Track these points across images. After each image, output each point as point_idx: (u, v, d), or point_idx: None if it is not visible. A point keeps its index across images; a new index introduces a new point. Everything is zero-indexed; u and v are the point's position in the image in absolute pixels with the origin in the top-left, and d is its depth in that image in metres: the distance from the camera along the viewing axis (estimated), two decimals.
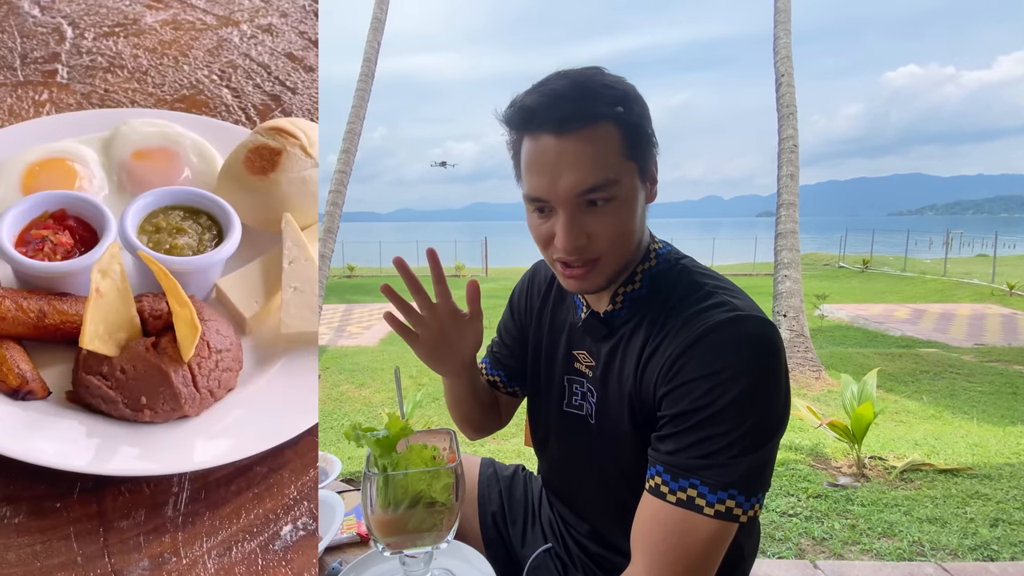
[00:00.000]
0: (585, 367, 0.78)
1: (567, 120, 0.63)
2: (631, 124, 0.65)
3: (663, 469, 0.63)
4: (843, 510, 2.46)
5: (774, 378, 0.62)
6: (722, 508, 0.60)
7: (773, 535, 2.25)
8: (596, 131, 0.63)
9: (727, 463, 0.60)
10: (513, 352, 0.94)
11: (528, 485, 1.02)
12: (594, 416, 0.76)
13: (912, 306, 10.81)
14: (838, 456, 3.19)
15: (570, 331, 0.81)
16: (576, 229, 0.65)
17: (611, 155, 0.64)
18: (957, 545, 2.12)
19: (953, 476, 2.83)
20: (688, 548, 0.60)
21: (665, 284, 0.72)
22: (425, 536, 0.58)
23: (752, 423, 0.60)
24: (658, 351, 0.67)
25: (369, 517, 0.58)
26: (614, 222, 0.66)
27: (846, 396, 3.25)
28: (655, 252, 0.74)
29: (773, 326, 0.64)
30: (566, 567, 0.87)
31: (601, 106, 0.63)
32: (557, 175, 0.64)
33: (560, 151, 0.63)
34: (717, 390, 0.60)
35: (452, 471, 0.58)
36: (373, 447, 0.58)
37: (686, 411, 0.62)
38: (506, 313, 0.96)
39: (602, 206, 0.65)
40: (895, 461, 3.06)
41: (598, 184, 0.63)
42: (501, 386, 0.97)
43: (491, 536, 0.96)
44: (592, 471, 0.79)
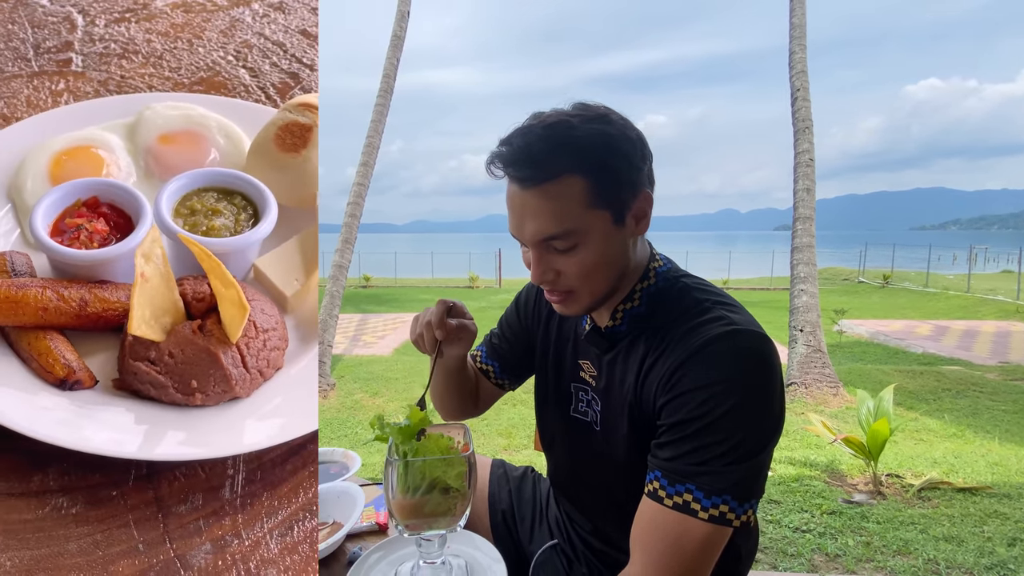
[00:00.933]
0: (589, 377, 0.82)
1: (527, 178, 0.67)
2: (600, 174, 0.66)
3: (661, 474, 0.66)
4: (858, 527, 2.44)
5: (768, 390, 0.66)
6: (716, 513, 0.63)
7: (785, 550, 2.24)
8: (557, 186, 0.66)
9: (721, 470, 0.63)
10: (513, 348, 0.98)
11: (537, 485, 1.06)
12: (599, 423, 0.80)
13: (934, 322, 10.58)
14: (854, 473, 3.15)
15: (575, 341, 0.85)
16: (543, 266, 0.70)
17: (573, 207, 0.66)
18: (973, 564, 2.09)
19: (972, 495, 2.78)
20: (683, 550, 0.64)
21: (664, 301, 0.74)
22: (440, 520, 0.63)
23: (746, 433, 0.64)
24: (658, 363, 0.70)
25: (390, 501, 0.63)
26: (579, 262, 0.69)
27: (862, 412, 3.21)
28: (655, 271, 0.77)
29: (768, 340, 0.68)
30: (570, 562, 0.91)
31: (564, 161, 0.65)
32: (522, 221, 0.69)
33: (523, 201, 0.68)
34: (712, 401, 0.63)
35: (466, 460, 0.63)
36: (395, 435, 0.63)
37: (683, 420, 0.65)
38: (511, 310, 1.00)
39: (567, 250, 0.69)
40: (912, 479, 3.01)
41: (557, 234, 0.67)
42: (492, 376, 1.00)
43: (501, 532, 1.00)
44: (595, 473, 0.83)
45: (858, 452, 3.02)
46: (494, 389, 1.02)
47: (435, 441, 0.64)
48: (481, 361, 1.02)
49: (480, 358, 1.02)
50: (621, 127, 0.69)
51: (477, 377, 1.03)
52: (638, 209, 0.71)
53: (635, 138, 0.69)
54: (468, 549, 0.74)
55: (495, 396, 1.03)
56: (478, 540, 0.75)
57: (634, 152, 0.69)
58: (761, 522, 2.48)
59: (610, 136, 0.67)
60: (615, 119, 0.69)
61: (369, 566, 0.72)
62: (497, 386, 1.01)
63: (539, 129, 0.67)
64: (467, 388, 0.99)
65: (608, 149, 0.67)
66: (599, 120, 0.68)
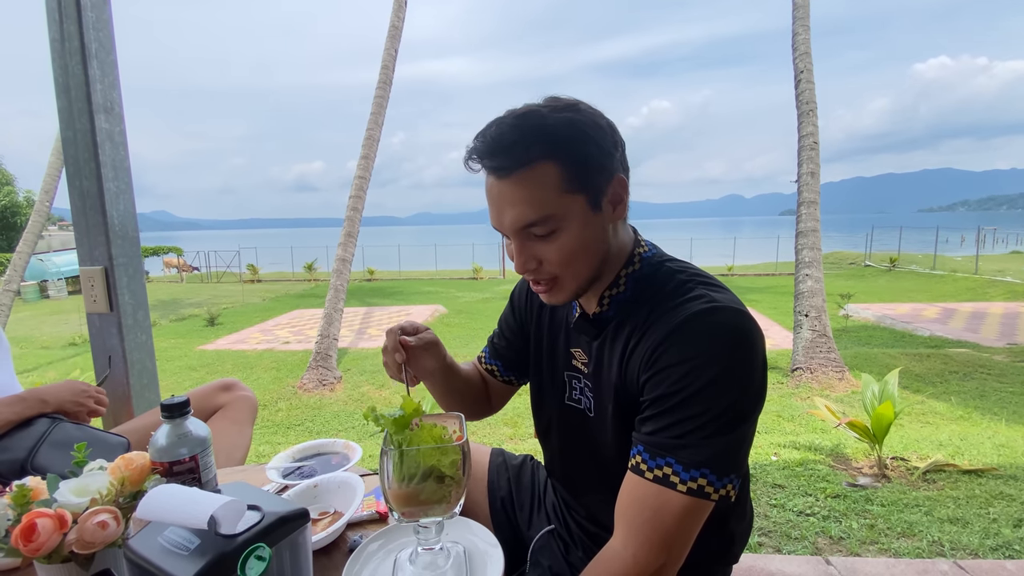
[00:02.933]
0: (581, 364, 0.83)
1: (500, 168, 0.69)
2: (572, 159, 0.68)
3: (643, 448, 0.68)
4: (862, 510, 2.44)
5: (747, 365, 0.66)
6: (694, 486, 0.64)
7: (789, 534, 2.25)
8: (531, 172, 0.67)
9: (700, 443, 0.64)
10: (512, 344, 0.99)
11: (535, 473, 1.08)
12: (592, 410, 0.81)
13: (942, 305, 10.50)
14: (859, 457, 3.15)
15: (567, 330, 0.86)
16: (525, 254, 0.72)
17: (548, 193, 0.68)
18: (978, 545, 2.09)
19: (977, 477, 2.78)
20: (662, 521, 0.65)
21: (649, 285, 0.76)
22: (435, 507, 0.64)
23: (724, 406, 0.64)
24: (641, 343, 0.71)
25: (386, 490, 0.64)
26: (559, 248, 0.71)
27: (867, 396, 3.21)
28: (640, 256, 0.78)
29: (749, 317, 0.68)
30: (567, 546, 0.92)
31: (536, 148, 0.67)
32: (501, 212, 0.71)
33: (500, 191, 0.70)
34: (692, 375, 0.65)
35: (460, 448, 0.64)
36: (389, 426, 0.64)
37: (664, 395, 0.67)
38: (507, 308, 1.01)
39: (546, 236, 0.70)
40: (918, 462, 3.01)
41: (534, 221, 0.69)
42: (497, 375, 1.02)
43: (500, 519, 1.01)
44: (590, 460, 0.84)
45: (863, 436, 3.02)
46: (503, 386, 1.03)
47: (429, 430, 0.64)
48: (486, 362, 1.03)
49: (484, 359, 1.04)
50: (590, 115, 0.71)
51: (484, 378, 1.04)
52: (613, 194, 0.72)
53: (605, 125, 0.71)
54: (466, 535, 0.75)
55: (507, 392, 1.05)
56: (475, 527, 0.76)
57: (604, 138, 0.70)
58: (765, 506, 2.49)
59: (580, 123, 0.69)
60: (584, 108, 0.71)
61: (369, 553, 0.73)
62: (505, 383, 1.03)
63: (510, 120, 0.69)
64: (473, 391, 1.01)
65: (578, 135, 0.69)
66: (569, 109, 0.70)
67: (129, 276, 1.66)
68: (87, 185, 1.59)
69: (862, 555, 2.06)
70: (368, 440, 4.21)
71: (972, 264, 15.11)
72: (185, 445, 0.74)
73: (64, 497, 0.66)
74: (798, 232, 6.36)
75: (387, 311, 11.95)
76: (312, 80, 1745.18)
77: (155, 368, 1.74)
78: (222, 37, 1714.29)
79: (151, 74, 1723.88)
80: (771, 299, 11.94)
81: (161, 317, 12.03)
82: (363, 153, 7.62)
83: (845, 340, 7.79)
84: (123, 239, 1.64)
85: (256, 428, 5.19)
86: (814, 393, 5.34)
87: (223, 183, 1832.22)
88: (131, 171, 1.69)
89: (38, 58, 1.68)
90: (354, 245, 7.54)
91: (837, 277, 15.62)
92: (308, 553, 0.65)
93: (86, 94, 1.56)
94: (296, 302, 14.23)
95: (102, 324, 1.65)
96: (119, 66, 1.66)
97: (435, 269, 22.79)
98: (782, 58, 6.74)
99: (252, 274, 21.11)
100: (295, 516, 0.63)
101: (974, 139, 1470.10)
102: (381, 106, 7.66)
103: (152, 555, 0.57)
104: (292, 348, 8.52)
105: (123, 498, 0.69)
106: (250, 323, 11.08)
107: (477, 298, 13.55)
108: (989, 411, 4.55)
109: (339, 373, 6.72)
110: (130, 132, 1.75)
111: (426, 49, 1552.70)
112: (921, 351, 6.78)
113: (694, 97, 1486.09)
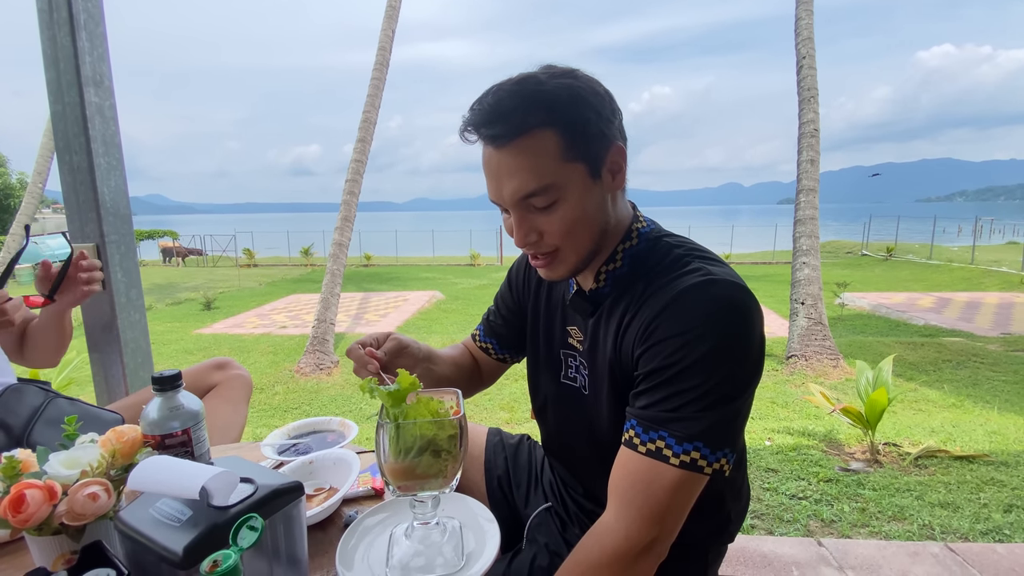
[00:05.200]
0: (576, 342, 0.83)
1: (499, 136, 0.67)
2: (571, 127, 0.67)
3: (636, 423, 0.68)
4: (854, 494, 2.47)
5: (743, 338, 0.65)
6: (687, 459, 0.64)
7: (782, 516, 2.27)
8: (530, 140, 0.66)
9: (693, 416, 0.64)
10: (508, 322, 0.98)
11: (532, 452, 1.07)
12: (587, 387, 0.81)
13: (937, 294, 10.55)
14: (852, 442, 3.18)
15: (563, 308, 0.86)
16: (525, 227, 0.71)
17: (548, 161, 0.67)
18: (968, 529, 2.12)
19: (969, 463, 2.81)
20: (654, 495, 0.65)
21: (645, 260, 0.75)
22: (431, 481, 0.64)
23: (719, 380, 0.64)
24: (636, 317, 0.70)
25: (382, 464, 0.63)
26: (560, 218, 0.69)
27: (861, 383, 3.23)
28: (637, 232, 0.77)
29: (746, 290, 0.67)
30: (564, 523, 0.92)
31: (533, 116, 0.66)
32: (500, 183, 0.69)
33: (499, 162, 0.68)
34: (686, 348, 0.64)
35: (456, 423, 0.63)
36: (385, 399, 0.63)
37: (658, 368, 0.66)
38: (504, 285, 1.00)
39: (547, 207, 0.69)
40: (910, 447, 3.04)
41: (535, 190, 0.67)
42: (492, 353, 1.01)
43: (497, 498, 1.01)
44: (586, 437, 0.83)
45: (856, 422, 3.04)
46: (497, 364, 1.02)
47: (425, 404, 0.63)
48: (480, 340, 1.02)
49: (479, 337, 1.03)
50: (588, 82, 0.70)
51: (475, 357, 1.03)
52: (612, 163, 0.71)
53: (603, 92, 0.70)
54: (462, 510, 0.75)
55: (499, 370, 1.04)
56: (471, 502, 0.76)
57: (603, 105, 0.69)
58: (759, 489, 2.52)
59: (578, 89, 0.68)
60: (581, 75, 0.70)
61: (364, 529, 0.73)
62: (499, 361, 1.02)
63: (508, 87, 0.68)
64: (461, 373, 0.99)
65: (577, 101, 0.67)
66: (566, 76, 0.69)
67: (121, 254, 1.64)
68: (77, 160, 1.56)
69: (853, 537, 2.09)
70: (365, 422, 4.23)
71: (968, 254, 15.16)
72: (177, 419, 0.73)
73: (54, 469, 0.65)
74: (796, 220, 6.34)
75: (384, 296, 11.92)
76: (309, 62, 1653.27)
77: (149, 347, 1.73)
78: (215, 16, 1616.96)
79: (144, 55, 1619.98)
80: (768, 287, 11.96)
81: (157, 301, 11.97)
82: (359, 136, 7.53)
83: (840, 328, 7.83)
84: (115, 216, 1.61)
85: (253, 411, 5.21)
86: (809, 380, 5.38)
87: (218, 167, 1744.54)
88: (122, 147, 1.66)
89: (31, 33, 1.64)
90: (350, 230, 7.49)
91: (834, 266, 15.65)
92: (303, 526, 0.64)
93: (75, 66, 1.53)
94: (293, 287, 14.18)
95: (94, 302, 1.63)
96: (108, 38, 1.62)
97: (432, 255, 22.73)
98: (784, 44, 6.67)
99: (248, 259, 21.00)
100: (289, 489, 0.62)
101: (974, 129, 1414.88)
102: (378, 88, 7.55)
103: (144, 527, 0.56)
104: (289, 332, 8.50)
105: (114, 471, 0.68)
106: (247, 307, 11.04)
107: (475, 284, 13.53)
108: (981, 399, 4.59)
109: (336, 357, 6.73)
110: (124, 114, 1.71)
111: (424, 31, 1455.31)
112: (915, 340, 6.83)
113: (696, 83, 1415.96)
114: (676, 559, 0.77)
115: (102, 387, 1.66)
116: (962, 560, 1.75)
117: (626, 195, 0.78)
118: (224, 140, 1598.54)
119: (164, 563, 0.53)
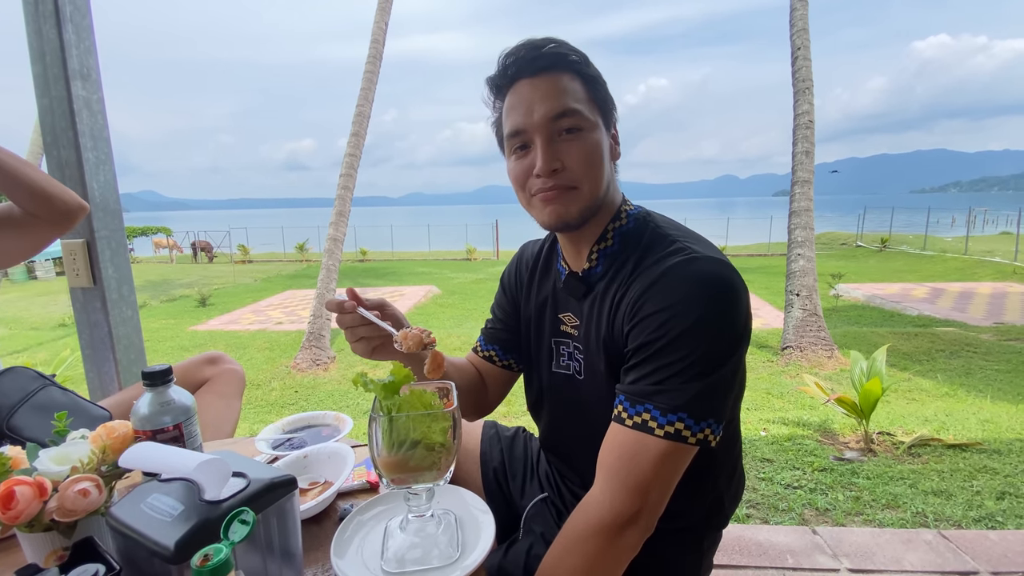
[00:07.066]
0: (571, 328, 0.83)
1: (540, 66, 0.74)
2: (592, 80, 0.76)
3: (624, 398, 0.69)
4: (848, 483, 2.49)
5: (727, 312, 0.67)
6: (671, 430, 0.65)
7: (776, 506, 2.29)
8: (562, 76, 0.74)
9: (677, 388, 0.65)
10: (507, 326, 0.98)
11: (528, 444, 1.08)
12: (582, 372, 0.82)
13: (931, 285, 10.62)
14: (846, 432, 3.20)
15: (555, 297, 0.87)
16: (551, 152, 0.74)
17: (577, 93, 0.74)
18: (961, 517, 2.14)
19: (962, 451, 2.83)
20: (640, 466, 0.66)
21: (634, 239, 0.78)
22: (425, 474, 0.63)
23: (702, 352, 0.65)
24: (626, 295, 0.73)
25: (375, 457, 0.63)
26: (582, 149, 0.74)
27: (855, 373, 3.25)
28: (626, 212, 0.81)
29: (728, 266, 0.69)
30: (560, 513, 0.92)
31: (565, 61, 0.75)
32: (532, 108, 0.74)
33: (533, 88, 0.74)
34: (670, 322, 0.66)
35: (450, 415, 0.63)
36: (378, 391, 0.62)
37: (644, 343, 0.68)
38: (499, 292, 1.01)
39: (571, 136, 0.74)
40: (903, 436, 3.06)
41: (566, 110, 0.73)
42: (496, 360, 0.99)
43: (492, 489, 1.01)
44: (582, 425, 0.84)
45: (850, 411, 3.07)
46: (503, 372, 0.99)
47: (418, 396, 0.63)
48: (482, 349, 1.00)
49: (481, 347, 1.01)
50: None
51: (480, 370, 1.00)
52: (614, 135, 0.79)
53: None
54: (457, 502, 0.74)
55: (508, 380, 1.00)
56: (466, 494, 0.76)
57: (608, 89, 0.79)
58: (754, 479, 2.53)
59: (593, 65, 0.77)
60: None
61: (359, 522, 0.73)
62: (505, 368, 0.99)
63: (540, 39, 0.76)
64: (467, 380, 0.97)
65: (594, 68, 0.77)
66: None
67: (112, 250, 1.62)
68: (65, 155, 1.54)
69: (847, 526, 2.10)
70: (361, 418, 4.22)
71: (962, 245, 15.26)
72: (168, 413, 0.73)
73: (44, 466, 0.65)
74: (791, 212, 6.36)
75: (380, 291, 11.90)
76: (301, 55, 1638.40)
77: (142, 344, 1.72)
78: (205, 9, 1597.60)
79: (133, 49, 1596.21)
80: (763, 279, 12.01)
81: (152, 298, 11.91)
82: (353, 131, 7.48)
83: (835, 319, 7.87)
84: (104, 211, 1.59)
85: (249, 407, 5.19)
86: (803, 371, 5.41)
87: (212, 162, 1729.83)
88: (111, 142, 1.63)
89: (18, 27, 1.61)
90: (345, 224, 7.45)
91: (829, 257, 15.72)
92: (296, 520, 0.64)
93: (61, 60, 1.50)
94: (288, 283, 14.13)
95: (86, 299, 1.61)
96: (96, 32, 1.59)
97: (428, 250, 22.68)
98: (779, 36, 6.65)
99: (243, 255, 20.89)
100: (282, 483, 0.62)
101: (968, 120, 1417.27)
102: (371, 82, 7.49)
103: (135, 522, 0.56)
104: (285, 328, 8.48)
105: (105, 467, 0.68)
106: (242, 304, 11.00)
107: (471, 279, 13.52)
108: (975, 388, 4.63)
109: (333, 353, 6.72)
110: (114, 110, 1.69)
111: (418, 23, 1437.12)
112: (909, 330, 6.88)
113: (693, 75, 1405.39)
114: (671, 545, 0.77)
115: (95, 384, 1.65)
116: (955, 547, 1.77)
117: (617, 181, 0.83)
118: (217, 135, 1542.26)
119: (156, 558, 0.53)
